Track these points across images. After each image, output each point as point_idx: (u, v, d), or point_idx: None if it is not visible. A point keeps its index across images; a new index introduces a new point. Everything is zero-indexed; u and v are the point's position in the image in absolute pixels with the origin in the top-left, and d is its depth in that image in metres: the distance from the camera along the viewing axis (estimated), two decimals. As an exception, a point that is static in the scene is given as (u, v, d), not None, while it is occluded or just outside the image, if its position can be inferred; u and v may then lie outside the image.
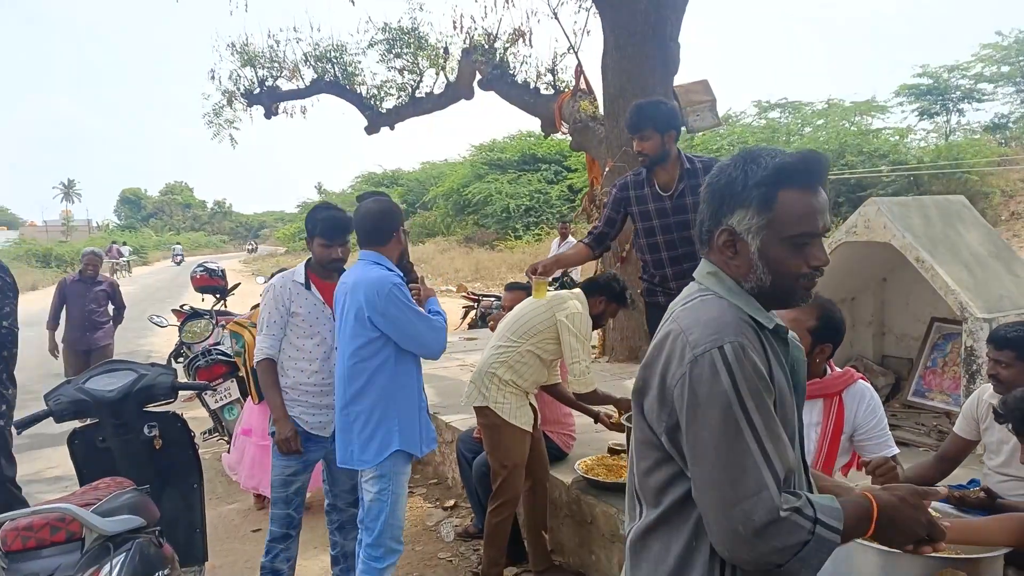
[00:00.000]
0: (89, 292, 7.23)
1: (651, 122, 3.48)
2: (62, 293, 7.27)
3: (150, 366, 3.40)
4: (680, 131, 3.69)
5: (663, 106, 3.62)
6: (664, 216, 3.63)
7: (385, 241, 2.97)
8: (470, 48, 9.51)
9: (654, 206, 3.63)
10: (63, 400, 3.16)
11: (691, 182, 3.59)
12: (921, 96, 22.36)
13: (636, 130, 3.52)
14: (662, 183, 3.61)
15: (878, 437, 2.58)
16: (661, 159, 3.54)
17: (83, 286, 7.28)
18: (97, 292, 7.25)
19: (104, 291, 7.33)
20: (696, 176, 3.60)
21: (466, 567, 3.86)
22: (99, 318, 7.27)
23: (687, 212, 3.61)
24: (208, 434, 5.86)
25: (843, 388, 2.60)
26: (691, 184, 3.59)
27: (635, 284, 6.59)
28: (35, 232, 58.70)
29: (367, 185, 39.91)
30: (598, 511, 3.50)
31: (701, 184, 3.75)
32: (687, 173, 3.60)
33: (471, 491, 4.09)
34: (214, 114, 12.20)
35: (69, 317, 7.20)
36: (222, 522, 4.66)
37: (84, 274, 7.33)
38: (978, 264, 4.35)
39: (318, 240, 3.23)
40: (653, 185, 3.62)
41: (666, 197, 3.61)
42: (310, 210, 3.40)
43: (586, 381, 3.40)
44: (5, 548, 2.27)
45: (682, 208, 3.60)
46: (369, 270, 2.88)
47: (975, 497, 2.48)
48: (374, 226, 2.97)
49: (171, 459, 3.34)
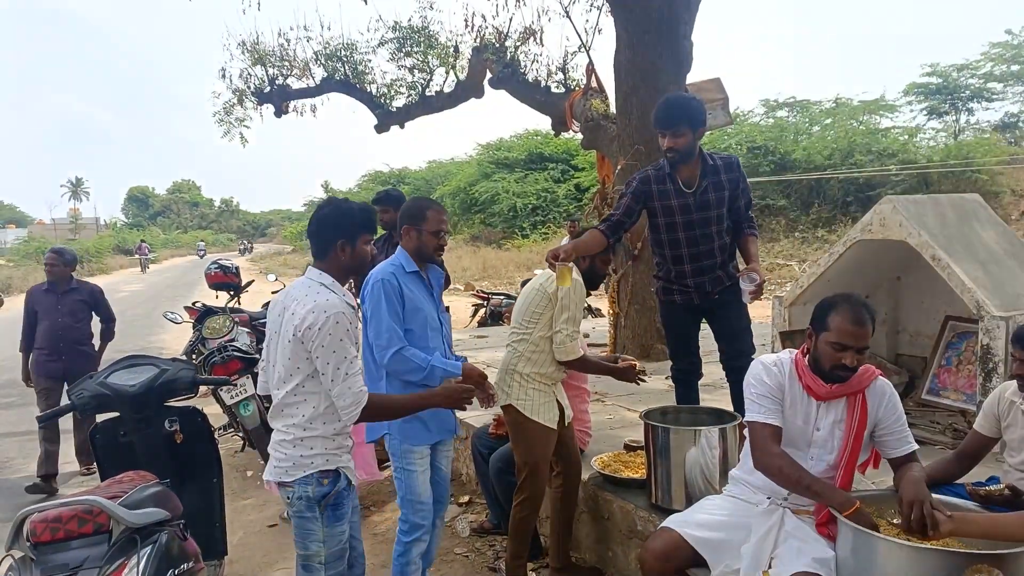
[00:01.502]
0: (61, 303, 5.68)
1: (686, 119, 3.49)
2: (31, 306, 5.73)
3: (171, 361, 3.43)
4: (705, 125, 3.70)
5: (694, 102, 3.63)
6: (687, 212, 3.64)
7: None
8: (481, 47, 9.52)
9: (677, 202, 3.64)
10: (85, 395, 3.20)
11: (713, 179, 3.60)
12: (930, 95, 22.31)
13: (669, 126, 3.50)
14: (684, 179, 3.61)
15: (899, 433, 2.59)
16: (689, 155, 3.55)
17: (52, 296, 5.70)
18: (72, 302, 5.71)
19: (82, 301, 5.77)
20: (718, 173, 3.61)
21: (482, 562, 3.87)
22: (77, 335, 5.73)
23: (710, 209, 3.62)
24: (223, 430, 5.88)
25: (867, 385, 2.60)
26: (713, 181, 3.60)
27: (649, 284, 6.62)
28: (43, 230, 58.98)
29: (374, 184, 39.98)
30: (615, 507, 3.51)
31: (722, 181, 3.73)
32: (710, 170, 3.61)
33: (486, 487, 4.11)
34: (225, 112, 12.23)
35: (39, 335, 5.66)
36: (238, 517, 4.69)
37: (50, 280, 5.74)
38: (994, 262, 4.34)
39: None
40: (676, 181, 3.62)
41: (689, 194, 3.61)
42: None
43: (567, 349, 3.27)
44: (34, 540, 2.30)
45: (705, 205, 3.61)
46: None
47: (1000, 494, 2.48)
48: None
49: (191, 454, 3.38)
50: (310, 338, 2.41)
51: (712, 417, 3.32)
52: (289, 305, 2.53)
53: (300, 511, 2.52)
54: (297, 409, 2.50)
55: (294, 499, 2.51)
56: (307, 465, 2.50)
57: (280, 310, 2.58)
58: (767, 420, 2.56)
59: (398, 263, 3.10)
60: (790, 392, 2.63)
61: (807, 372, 2.63)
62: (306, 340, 2.42)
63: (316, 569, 2.55)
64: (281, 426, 2.53)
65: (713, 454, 3.10)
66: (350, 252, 2.57)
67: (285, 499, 2.55)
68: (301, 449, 2.50)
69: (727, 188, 3.64)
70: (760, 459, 2.55)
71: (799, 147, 21.04)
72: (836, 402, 2.61)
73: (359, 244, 2.59)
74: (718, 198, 3.62)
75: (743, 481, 2.76)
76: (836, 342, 2.47)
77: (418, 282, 3.12)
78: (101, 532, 2.35)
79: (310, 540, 2.54)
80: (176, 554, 2.50)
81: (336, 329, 2.41)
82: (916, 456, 2.59)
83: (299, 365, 2.47)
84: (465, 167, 33.94)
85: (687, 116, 3.50)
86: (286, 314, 2.52)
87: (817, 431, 2.61)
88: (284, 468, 2.51)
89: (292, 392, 2.49)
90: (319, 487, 2.51)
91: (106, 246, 41.74)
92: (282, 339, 2.52)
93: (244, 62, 11.52)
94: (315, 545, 2.54)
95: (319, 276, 2.56)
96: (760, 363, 2.70)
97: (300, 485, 2.49)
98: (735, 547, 2.55)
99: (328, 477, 2.53)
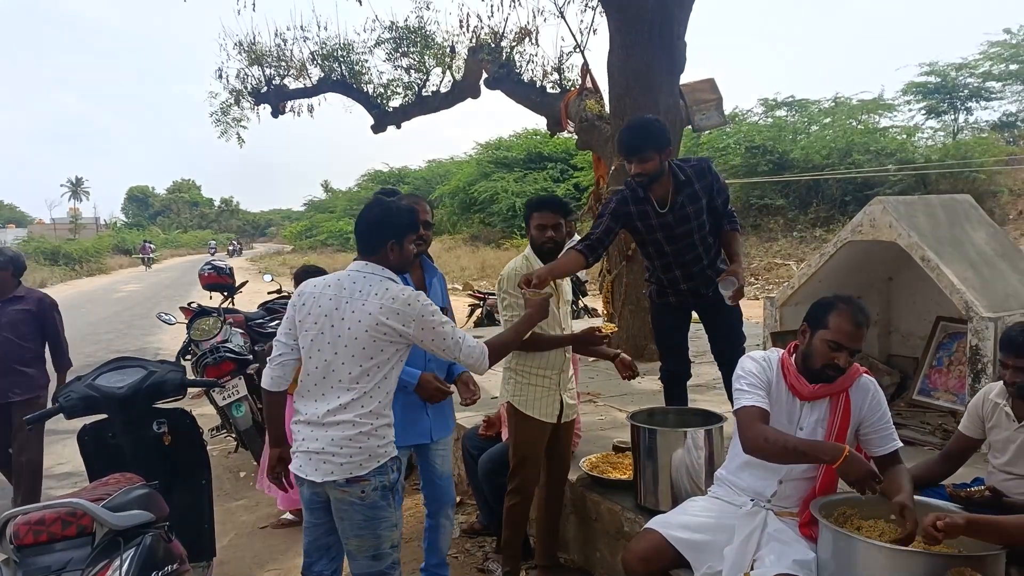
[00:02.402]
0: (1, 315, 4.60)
1: (652, 144, 3.46)
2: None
3: (159, 363, 3.43)
4: (672, 144, 3.67)
5: (655, 125, 3.57)
6: (668, 229, 3.64)
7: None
8: (476, 47, 9.54)
9: (656, 221, 3.64)
10: (73, 397, 3.20)
11: (687, 192, 3.60)
12: (928, 95, 22.29)
13: (635, 152, 3.48)
14: (658, 198, 3.60)
15: (883, 430, 2.60)
16: (658, 177, 3.54)
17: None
18: (13, 314, 4.61)
19: (27, 312, 4.65)
20: (691, 185, 3.60)
21: (471, 563, 3.88)
22: (17, 354, 4.58)
23: (690, 221, 3.62)
24: (216, 431, 5.89)
25: (850, 384, 2.62)
26: (688, 194, 3.59)
27: (640, 284, 6.63)
28: (43, 230, 58.94)
29: (374, 183, 40.03)
30: (603, 508, 3.52)
31: (696, 192, 3.72)
32: (682, 185, 3.59)
33: (476, 488, 4.12)
34: (222, 112, 12.22)
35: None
36: (229, 519, 4.70)
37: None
38: (984, 263, 4.35)
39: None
40: (651, 201, 3.62)
41: (666, 212, 3.60)
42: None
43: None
44: (17, 542, 2.31)
45: (684, 218, 3.62)
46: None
47: (980, 495, 2.49)
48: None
49: (180, 455, 3.38)
50: (421, 324, 2.53)
51: (699, 418, 3.33)
52: (350, 299, 2.55)
53: (375, 502, 2.54)
54: (372, 398, 2.53)
55: (369, 491, 2.52)
56: (382, 455, 2.55)
57: (333, 305, 2.57)
58: (754, 403, 2.57)
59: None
60: (776, 390, 2.65)
61: (792, 372, 2.64)
62: (417, 328, 2.53)
63: (388, 554, 2.61)
64: (353, 417, 2.50)
65: (699, 455, 3.11)
66: (398, 251, 2.65)
67: (358, 494, 2.52)
68: (376, 439, 2.53)
69: (703, 196, 3.63)
70: (748, 438, 2.55)
71: (797, 146, 21.04)
72: (820, 402, 2.62)
73: (406, 244, 2.68)
74: (696, 210, 3.61)
75: (728, 482, 2.77)
76: (833, 341, 2.50)
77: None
78: (85, 534, 2.36)
79: (383, 528, 2.57)
80: (161, 556, 2.50)
81: (433, 311, 2.57)
82: (899, 455, 2.60)
83: (380, 350, 2.53)
84: (464, 166, 33.97)
85: (651, 141, 3.47)
86: (347, 307, 2.54)
87: (800, 430, 2.62)
88: (357, 462, 2.50)
89: (370, 381, 2.52)
90: (393, 474, 2.59)
91: (106, 246, 41.77)
92: (347, 332, 2.52)
93: (241, 62, 11.51)
94: (388, 531, 2.59)
95: (381, 271, 2.61)
96: (749, 358, 2.72)
97: (376, 476, 2.53)
98: (718, 549, 2.56)
99: (396, 464, 2.61)
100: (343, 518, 2.57)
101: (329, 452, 2.50)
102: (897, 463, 2.57)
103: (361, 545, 2.57)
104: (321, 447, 2.51)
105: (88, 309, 18.76)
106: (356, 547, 2.59)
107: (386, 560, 2.60)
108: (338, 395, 2.53)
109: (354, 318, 2.52)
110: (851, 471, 2.33)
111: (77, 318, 16.80)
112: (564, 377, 3.44)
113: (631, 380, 3.70)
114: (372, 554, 2.58)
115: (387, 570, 2.62)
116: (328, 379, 2.56)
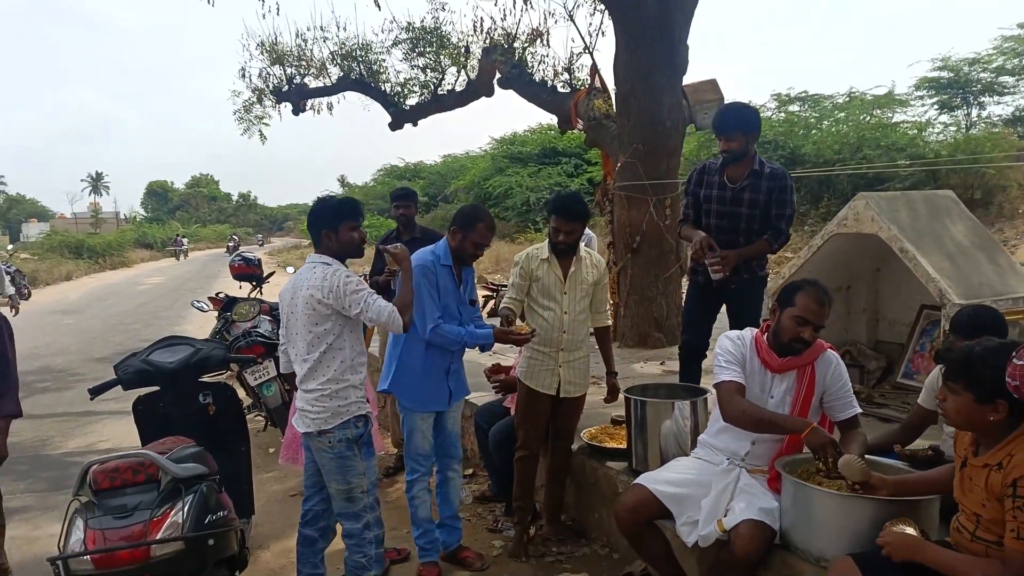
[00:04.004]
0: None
1: (740, 127, 3.93)
2: None
3: (204, 341, 3.84)
4: (760, 133, 4.10)
5: (748, 110, 4.06)
6: (722, 203, 4.07)
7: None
8: (490, 47, 9.88)
9: (717, 192, 4.09)
10: (130, 370, 3.62)
11: (754, 181, 4.01)
12: (941, 89, 22.31)
13: (724, 131, 3.97)
14: (731, 176, 4.05)
15: (844, 398, 2.96)
16: (741, 157, 3.98)
17: None
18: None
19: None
20: (761, 178, 4.01)
21: (483, 525, 4.33)
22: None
23: (742, 206, 4.03)
24: (247, 411, 6.31)
25: (815, 358, 2.97)
26: (752, 183, 4.01)
27: (646, 275, 6.98)
28: (65, 224, 59.90)
29: (389, 178, 40.39)
30: (600, 473, 3.90)
31: (761, 185, 4.16)
32: (755, 174, 4.01)
33: (487, 459, 4.52)
34: (244, 111, 12.63)
35: None
36: (261, 488, 5.09)
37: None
38: (961, 254, 4.66)
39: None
40: (723, 175, 4.07)
41: (730, 188, 4.04)
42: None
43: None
44: (95, 487, 2.70)
45: (738, 201, 4.03)
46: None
47: (924, 455, 2.84)
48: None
49: (222, 424, 3.79)
50: (338, 295, 2.95)
51: (687, 393, 3.70)
52: (300, 286, 3.05)
53: (341, 452, 3.04)
54: (329, 367, 3.02)
55: (335, 442, 3.02)
56: (344, 413, 3.03)
57: (292, 294, 3.11)
58: (732, 378, 2.94)
59: (436, 253, 3.63)
60: (749, 364, 3.01)
61: (764, 347, 3.01)
62: (335, 298, 2.95)
63: (359, 498, 3.09)
64: (316, 384, 3.02)
65: (686, 424, 3.47)
66: (335, 238, 3.10)
67: (327, 444, 3.03)
68: (337, 400, 3.02)
69: (763, 193, 4.02)
70: (726, 410, 2.92)
71: (809, 142, 21.17)
72: (788, 373, 2.98)
73: (342, 231, 3.10)
74: (752, 199, 4.01)
75: (709, 444, 3.14)
76: (799, 316, 2.86)
77: (448, 275, 3.62)
78: (151, 482, 2.76)
79: (352, 475, 3.06)
80: (213, 504, 2.90)
81: (349, 279, 3.00)
82: (858, 420, 2.96)
83: (325, 327, 3.00)
84: (479, 161, 34.19)
85: (741, 124, 3.94)
86: (299, 294, 3.05)
87: (771, 398, 2.98)
88: (323, 418, 3.02)
89: (323, 352, 3.01)
90: (356, 430, 3.06)
91: (128, 239, 42.48)
92: (301, 314, 3.02)
93: (263, 62, 11.91)
94: (356, 478, 3.07)
95: (320, 258, 3.08)
96: (726, 336, 3.09)
97: (340, 430, 3.03)
98: (697, 501, 2.92)
99: (361, 421, 3.08)
100: (321, 463, 3.11)
101: (305, 410, 3.08)
102: (855, 427, 2.93)
103: (337, 488, 3.10)
104: (301, 406, 3.11)
105: (112, 301, 19.30)
106: (334, 491, 3.11)
107: (358, 503, 3.10)
108: (302, 365, 3.08)
109: (299, 301, 3.06)
110: (815, 441, 2.69)
111: (103, 309, 17.37)
112: (565, 356, 3.80)
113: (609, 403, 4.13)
114: (346, 497, 3.09)
115: (360, 511, 3.11)
116: (296, 353, 3.11)
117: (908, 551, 2.22)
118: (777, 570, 2.79)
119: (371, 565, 3.14)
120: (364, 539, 3.13)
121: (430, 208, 34.63)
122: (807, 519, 2.63)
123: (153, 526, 2.62)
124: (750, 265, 4.12)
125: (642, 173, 6.82)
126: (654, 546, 3.06)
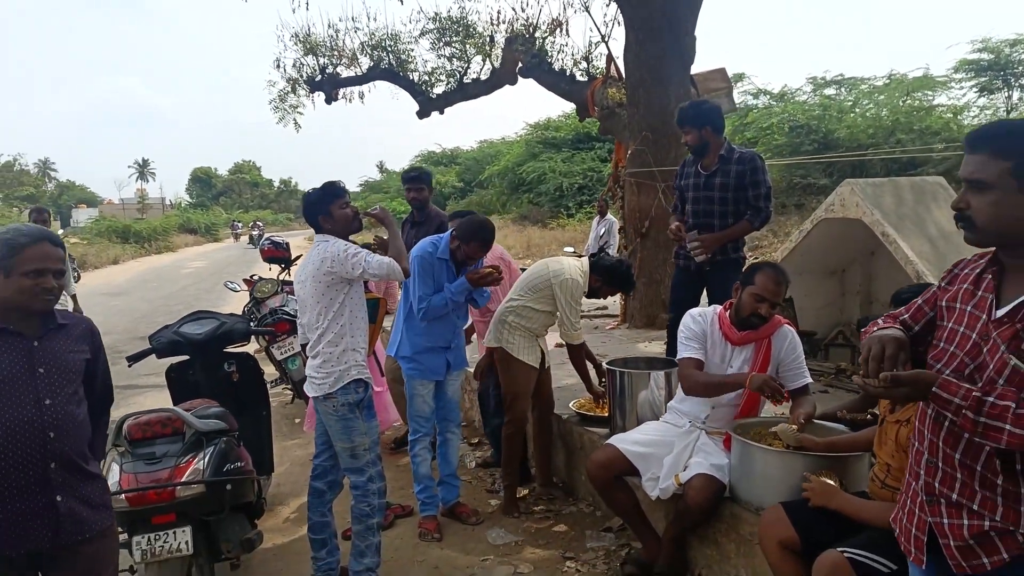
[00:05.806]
0: None
1: (690, 121, 4.31)
2: None
3: (229, 315, 4.26)
4: (721, 125, 4.40)
5: (697, 108, 4.40)
6: (697, 190, 4.45)
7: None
8: (512, 37, 10.16)
9: (692, 181, 4.47)
10: (163, 341, 4.05)
11: (723, 167, 4.34)
12: (981, 72, 21.90)
13: (680, 125, 4.42)
14: (704, 164, 4.42)
15: (796, 369, 3.25)
16: (701, 148, 4.35)
17: None
18: None
19: None
20: (730, 164, 4.33)
21: (483, 486, 4.73)
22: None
23: (714, 190, 4.37)
24: (274, 383, 6.76)
25: (772, 332, 3.27)
26: (723, 169, 4.34)
27: (655, 259, 7.25)
28: (112, 210, 61.61)
29: (427, 164, 40.83)
30: (585, 439, 4.24)
31: (730, 170, 4.52)
32: (725, 161, 4.35)
33: (489, 430, 4.88)
34: (279, 100, 13.07)
35: None
36: (286, 454, 5.54)
37: None
38: (943, 238, 4.86)
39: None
40: (697, 165, 4.45)
41: (703, 175, 4.40)
42: None
43: (571, 335, 4.17)
44: (130, 438, 3.12)
45: (711, 186, 4.37)
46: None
47: (863, 419, 3.11)
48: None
49: (245, 390, 4.20)
50: (340, 260, 3.27)
51: (664, 365, 4.01)
52: (308, 263, 3.42)
53: (344, 414, 3.39)
54: (330, 330, 3.35)
55: (338, 405, 3.37)
56: (345, 378, 3.35)
57: (302, 271, 3.48)
58: (691, 355, 3.26)
59: (436, 245, 4.00)
60: (711, 337, 3.31)
61: (726, 322, 3.31)
62: (339, 264, 3.27)
63: (362, 455, 3.45)
64: (321, 349, 3.36)
65: (660, 393, 3.79)
66: (331, 219, 3.42)
67: (332, 407, 3.38)
68: (340, 366, 3.35)
69: (733, 177, 4.33)
70: (685, 384, 3.25)
71: (842, 125, 21.01)
72: (747, 346, 3.28)
73: (334, 210, 3.42)
74: (723, 183, 4.33)
75: (675, 409, 3.46)
76: (758, 294, 3.16)
77: (443, 268, 4.00)
78: (177, 434, 3.16)
79: (355, 435, 3.42)
80: (232, 455, 3.30)
81: (347, 248, 3.31)
82: (808, 389, 3.25)
83: (331, 296, 3.33)
84: (514, 147, 34.36)
85: (691, 119, 4.32)
86: (306, 270, 3.42)
87: (730, 368, 3.28)
88: (328, 383, 3.36)
89: (330, 320, 3.34)
90: (356, 395, 3.39)
91: (172, 225, 43.70)
92: (310, 287, 3.38)
93: (297, 52, 12.32)
94: (359, 437, 3.42)
95: (322, 238, 3.42)
96: (689, 315, 3.39)
97: (342, 394, 3.36)
98: (660, 459, 3.25)
99: (361, 387, 3.41)
100: (328, 424, 3.47)
101: (312, 376, 3.42)
102: (806, 394, 3.23)
103: (342, 447, 3.46)
104: (310, 372, 3.44)
105: (157, 284, 20.08)
106: (340, 448, 3.48)
107: (361, 459, 3.46)
108: (312, 334, 3.41)
109: (307, 276, 3.38)
110: (756, 382, 3.00)
111: (148, 292, 18.12)
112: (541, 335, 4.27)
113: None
114: (350, 454, 3.45)
115: (364, 466, 3.47)
116: (308, 324, 3.45)
117: (824, 498, 2.53)
118: (726, 520, 3.12)
119: (374, 512, 3.51)
120: (368, 490, 3.49)
121: (465, 193, 35.01)
122: (749, 473, 2.94)
123: (178, 472, 3.02)
124: (725, 248, 4.39)
125: (651, 160, 7.09)
126: (623, 499, 3.40)
